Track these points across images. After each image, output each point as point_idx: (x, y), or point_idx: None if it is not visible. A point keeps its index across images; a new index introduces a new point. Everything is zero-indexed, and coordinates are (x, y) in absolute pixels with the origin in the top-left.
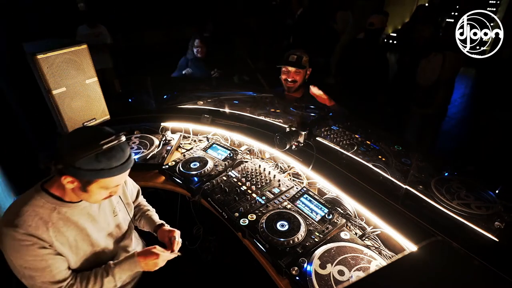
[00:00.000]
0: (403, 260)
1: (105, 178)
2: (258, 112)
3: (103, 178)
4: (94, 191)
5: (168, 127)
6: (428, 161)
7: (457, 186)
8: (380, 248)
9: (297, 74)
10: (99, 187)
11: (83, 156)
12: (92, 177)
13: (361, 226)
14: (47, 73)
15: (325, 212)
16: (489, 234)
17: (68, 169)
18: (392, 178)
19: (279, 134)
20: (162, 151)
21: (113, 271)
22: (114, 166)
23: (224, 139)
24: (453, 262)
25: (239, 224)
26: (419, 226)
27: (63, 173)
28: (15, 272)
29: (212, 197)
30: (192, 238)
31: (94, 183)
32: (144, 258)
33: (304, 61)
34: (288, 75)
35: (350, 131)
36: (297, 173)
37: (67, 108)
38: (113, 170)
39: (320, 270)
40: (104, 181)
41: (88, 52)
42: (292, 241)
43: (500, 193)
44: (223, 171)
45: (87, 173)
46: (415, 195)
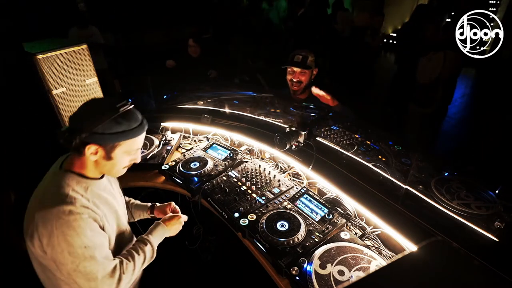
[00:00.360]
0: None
1: (128, 139)
2: (258, 112)
3: (126, 139)
4: (118, 157)
5: (168, 127)
6: (428, 161)
7: (457, 186)
8: (380, 248)
9: (303, 75)
10: (122, 151)
11: (104, 121)
12: (115, 140)
13: (361, 226)
14: (47, 73)
15: (325, 212)
16: (489, 234)
17: (92, 137)
18: (392, 178)
19: (279, 134)
20: (162, 151)
21: (149, 239)
22: (134, 126)
23: (224, 139)
24: (453, 262)
25: (239, 224)
26: (419, 226)
27: (87, 142)
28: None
29: (212, 197)
30: (192, 238)
31: (118, 147)
32: (169, 221)
33: (310, 61)
34: (293, 75)
35: (350, 131)
36: (297, 173)
37: (67, 108)
38: (134, 130)
39: (320, 270)
40: (127, 143)
41: (88, 52)
42: (292, 241)
43: (500, 193)
44: (223, 171)
45: (111, 136)
46: (415, 195)
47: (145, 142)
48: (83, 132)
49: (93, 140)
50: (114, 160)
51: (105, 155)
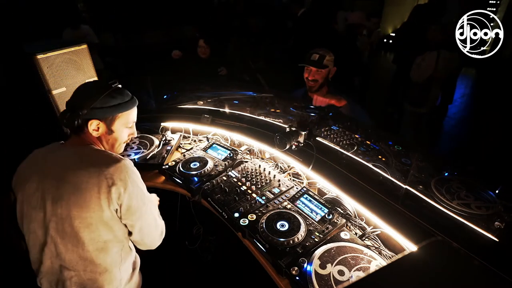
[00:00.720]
0: (403, 260)
1: (124, 111)
2: (258, 112)
3: (123, 111)
4: (118, 130)
5: (168, 127)
6: (428, 161)
7: (457, 186)
8: (380, 248)
9: (318, 74)
10: (121, 124)
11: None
12: (114, 112)
13: (361, 226)
14: (47, 73)
15: (325, 212)
16: (489, 234)
17: (92, 112)
18: (392, 178)
19: (279, 134)
20: (162, 151)
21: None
22: (127, 99)
23: (224, 139)
24: (453, 262)
25: (239, 224)
26: (419, 226)
27: (88, 118)
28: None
29: (212, 197)
30: (192, 238)
31: (117, 119)
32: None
33: (327, 61)
34: (309, 74)
35: (350, 131)
36: (297, 173)
37: None
38: (128, 103)
39: (320, 270)
40: (124, 115)
41: (88, 52)
42: (292, 241)
43: (500, 193)
44: (223, 171)
45: (110, 109)
46: (415, 195)
47: (145, 142)
48: (83, 109)
49: (93, 115)
50: (115, 133)
51: (106, 129)
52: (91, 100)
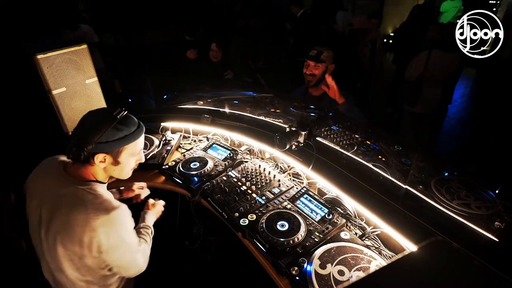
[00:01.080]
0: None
1: (130, 143)
2: (258, 112)
3: (129, 143)
4: (124, 160)
5: (168, 127)
6: (428, 161)
7: (457, 186)
8: (380, 248)
9: (316, 68)
10: (128, 154)
11: (105, 130)
12: (120, 145)
13: (361, 226)
14: (47, 73)
15: (325, 212)
16: (489, 234)
17: (98, 147)
18: (392, 178)
19: (279, 134)
20: (162, 151)
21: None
22: (133, 130)
23: (224, 139)
24: (453, 262)
25: (239, 224)
26: (419, 226)
27: (95, 152)
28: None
29: (212, 197)
30: (192, 238)
31: (123, 151)
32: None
33: (324, 56)
34: (307, 68)
35: (350, 131)
36: (297, 173)
37: (67, 108)
38: (135, 133)
39: (320, 270)
40: (130, 146)
41: (88, 52)
42: (292, 241)
43: (500, 193)
44: (223, 171)
45: (115, 143)
46: (415, 195)
47: (145, 142)
48: (89, 144)
49: (99, 150)
50: (122, 164)
51: (113, 161)
52: (96, 134)
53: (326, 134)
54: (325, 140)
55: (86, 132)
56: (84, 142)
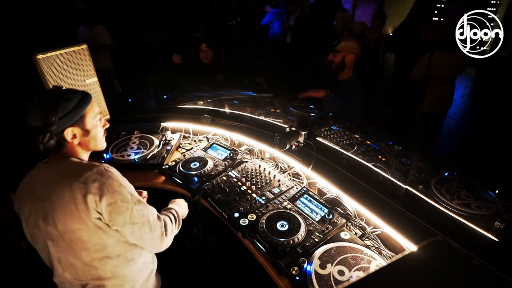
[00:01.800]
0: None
1: (87, 104)
2: (258, 112)
3: (86, 105)
4: (91, 126)
5: (168, 127)
6: (428, 161)
7: (457, 186)
8: (380, 248)
9: (333, 56)
10: (91, 118)
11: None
12: (80, 111)
13: (361, 226)
14: (47, 73)
15: (325, 212)
16: (489, 234)
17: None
18: (392, 178)
19: (279, 134)
20: (162, 151)
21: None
22: (80, 95)
23: (224, 139)
24: (453, 262)
25: (239, 224)
26: (419, 226)
27: (62, 129)
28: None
29: (212, 197)
30: (192, 238)
31: (86, 117)
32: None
33: (341, 47)
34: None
35: (350, 131)
36: (297, 173)
37: None
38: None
39: (320, 270)
40: (89, 109)
41: (88, 52)
42: (292, 241)
43: (500, 193)
44: (223, 171)
45: (74, 111)
46: (415, 195)
47: (145, 142)
48: (52, 125)
49: (64, 125)
50: (92, 132)
51: (82, 132)
52: (53, 113)
53: (326, 134)
54: (325, 140)
55: (41, 117)
56: (46, 125)
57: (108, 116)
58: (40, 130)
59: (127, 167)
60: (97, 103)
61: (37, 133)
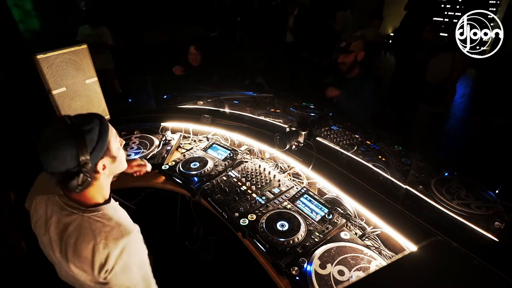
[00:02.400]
0: (403, 260)
1: (108, 131)
2: (258, 112)
3: (108, 132)
4: (116, 151)
5: (168, 127)
6: (428, 161)
7: (457, 186)
8: (380, 248)
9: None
10: (113, 143)
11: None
12: (105, 140)
13: (361, 226)
14: (47, 73)
15: (325, 212)
16: (489, 234)
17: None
18: (392, 178)
19: (279, 134)
20: (162, 151)
21: None
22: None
23: (224, 139)
24: (453, 262)
25: (239, 224)
26: (419, 226)
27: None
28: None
29: (212, 197)
30: (192, 238)
31: (110, 144)
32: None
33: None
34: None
35: (350, 131)
36: (297, 173)
37: (67, 108)
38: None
39: (320, 270)
40: (110, 134)
41: (88, 52)
42: (292, 241)
43: (500, 193)
44: (223, 171)
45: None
46: (415, 195)
47: (145, 142)
48: (87, 165)
49: (96, 159)
50: (117, 157)
51: (110, 160)
52: (84, 151)
53: (326, 134)
54: (325, 140)
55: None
56: (80, 166)
57: (108, 116)
58: (73, 173)
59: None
60: (97, 103)
61: (71, 177)
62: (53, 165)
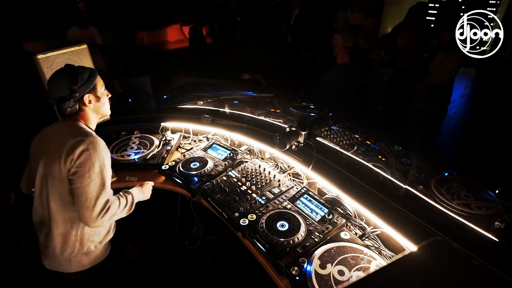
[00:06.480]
0: (403, 260)
1: (97, 76)
2: (258, 112)
3: (96, 77)
4: (101, 93)
5: (168, 127)
6: (428, 161)
7: (457, 186)
8: (380, 248)
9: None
10: (100, 87)
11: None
12: (92, 81)
13: (361, 226)
14: (47, 73)
15: (325, 212)
16: (489, 234)
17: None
18: (392, 178)
19: (279, 134)
20: (162, 151)
21: (131, 192)
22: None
23: (224, 139)
24: (453, 262)
25: (239, 224)
26: (419, 226)
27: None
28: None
29: (212, 197)
30: (192, 238)
31: (97, 86)
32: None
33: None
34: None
35: (350, 131)
36: (297, 173)
37: None
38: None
39: (320, 270)
40: (98, 80)
41: (88, 52)
42: (292, 241)
43: (500, 193)
44: (223, 171)
45: (88, 81)
46: (415, 195)
47: (145, 142)
48: (75, 92)
49: (83, 92)
50: (101, 98)
51: (95, 98)
52: (75, 83)
53: (326, 134)
54: (325, 140)
55: (65, 87)
56: (71, 93)
57: (109, 117)
58: (65, 98)
59: (127, 167)
60: None
61: (63, 100)
62: (54, 90)
